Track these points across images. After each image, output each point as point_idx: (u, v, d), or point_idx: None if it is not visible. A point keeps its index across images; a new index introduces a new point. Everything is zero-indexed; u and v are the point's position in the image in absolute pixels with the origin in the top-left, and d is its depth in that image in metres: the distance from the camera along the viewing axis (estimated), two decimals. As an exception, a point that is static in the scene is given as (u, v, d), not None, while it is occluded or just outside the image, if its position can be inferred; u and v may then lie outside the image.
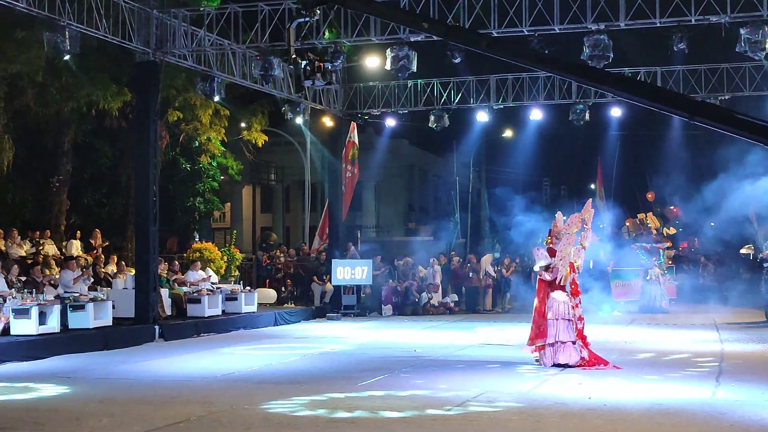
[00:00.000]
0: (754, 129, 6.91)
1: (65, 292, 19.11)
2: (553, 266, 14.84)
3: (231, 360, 16.13)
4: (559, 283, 14.77)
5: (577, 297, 14.95)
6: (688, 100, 7.47)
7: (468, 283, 29.20)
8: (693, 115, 7.23)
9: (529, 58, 9.53)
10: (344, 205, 29.20)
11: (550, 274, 14.85)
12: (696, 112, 7.21)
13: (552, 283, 14.83)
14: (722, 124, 7.13)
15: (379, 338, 20.25)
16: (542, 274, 14.99)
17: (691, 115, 7.24)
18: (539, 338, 14.85)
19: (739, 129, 7.08)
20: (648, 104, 7.80)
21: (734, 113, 7.17)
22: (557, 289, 14.80)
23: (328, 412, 10.82)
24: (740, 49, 18.83)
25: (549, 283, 14.86)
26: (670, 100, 7.54)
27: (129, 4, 19.67)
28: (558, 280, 14.76)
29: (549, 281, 14.85)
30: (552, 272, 14.84)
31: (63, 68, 24.14)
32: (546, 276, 14.89)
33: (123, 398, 11.96)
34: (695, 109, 7.26)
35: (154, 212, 20.23)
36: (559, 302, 14.72)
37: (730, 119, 7.12)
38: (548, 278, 14.86)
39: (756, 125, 6.87)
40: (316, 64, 9.56)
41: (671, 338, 19.93)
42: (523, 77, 26.15)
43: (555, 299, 14.74)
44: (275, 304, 27.03)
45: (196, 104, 28.29)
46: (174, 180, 32.61)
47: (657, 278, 28.21)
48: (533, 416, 10.49)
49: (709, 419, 10.37)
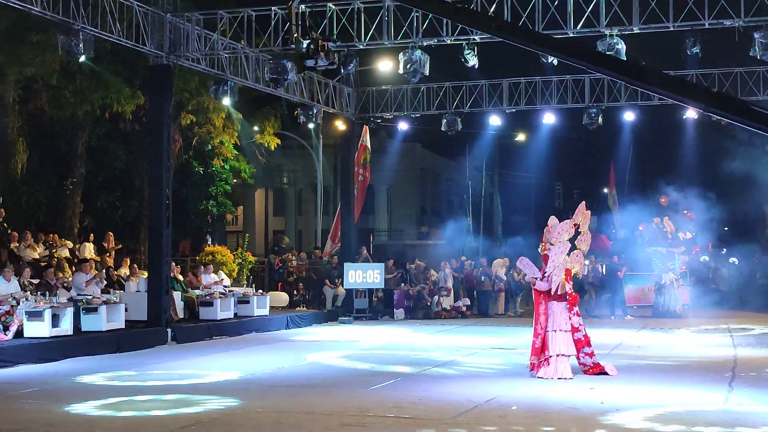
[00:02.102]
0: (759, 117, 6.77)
1: (78, 294, 19.17)
2: (548, 276, 14.33)
3: (243, 363, 16.15)
4: (556, 293, 14.28)
5: (576, 305, 14.48)
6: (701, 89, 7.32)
7: (480, 287, 29.16)
8: (708, 106, 7.11)
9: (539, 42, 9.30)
10: (356, 209, 29.20)
11: (545, 284, 14.41)
12: (711, 102, 7.09)
13: (549, 293, 14.35)
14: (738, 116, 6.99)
15: (391, 342, 20.24)
16: (536, 284, 14.53)
17: (706, 107, 7.13)
18: (545, 350, 14.20)
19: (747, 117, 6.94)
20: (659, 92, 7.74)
21: (751, 105, 6.98)
22: (555, 299, 14.32)
23: (339, 415, 10.82)
24: (754, 53, 18.76)
25: (546, 293, 14.40)
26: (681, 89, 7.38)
27: (143, 8, 19.74)
28: (554, 290, 14.26)
29: (545, 291, 14.39)
30: (547, 282, 14.35)
31: (77, 71, 24.24)
32: (541, 286, 14.47)
33: (136, 401, 11.98)
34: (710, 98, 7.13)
35: (167, 215, 20.28)
36: (557, 313, 14.28)
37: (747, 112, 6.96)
38: (543, 288, 14.43)
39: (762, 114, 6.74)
40: (320, 43, 9.35)
41: (684, 343, 19.85)
42: (536, 81, 26.14)
43: (553, 310, 14.31)
44: (287, 307, 27.05)
45: (209, 108, 28.37)
46: (187, 183, 32.67)
47: (671, 283, 28.09)
48: (545, 421, 10.46)
49: (722, 424, 10.31)
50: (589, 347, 14.34)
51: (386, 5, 19.78)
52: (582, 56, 8.00)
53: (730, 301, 31.52)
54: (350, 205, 28.77)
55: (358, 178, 29.20)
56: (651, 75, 7.46)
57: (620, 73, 7.87)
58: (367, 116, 28.40)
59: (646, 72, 7.49)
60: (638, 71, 7.50)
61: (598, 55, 8.11)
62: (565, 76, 25.84)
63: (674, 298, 27.93)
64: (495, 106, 26.83)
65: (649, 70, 7.53)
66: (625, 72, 7.69)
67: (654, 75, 7.47)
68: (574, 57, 8.12)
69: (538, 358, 14.27)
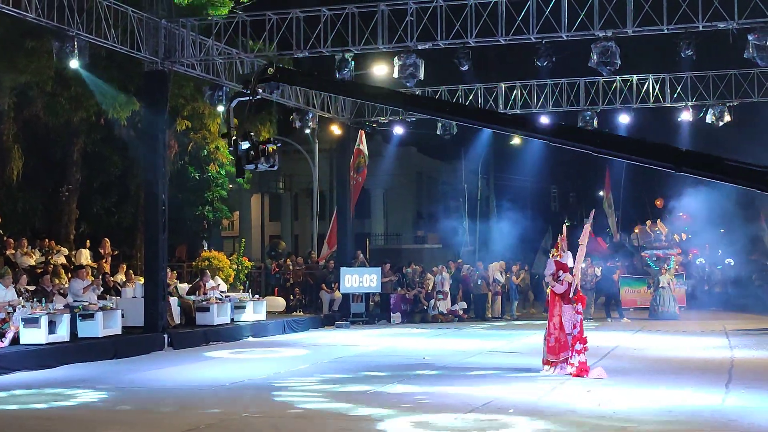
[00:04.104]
0: (747, 175, 6.35)
1: (75, 301, 19.14)
2: (562, 279, 14.89)
3: (240, 368, 16.14)
4: (570, 296, 14.82)
5: (579, 304, 14.99)
6: (671, 149, 6.73)
7: (476, 290, 29.16)
8: (678, 166, 6.63)
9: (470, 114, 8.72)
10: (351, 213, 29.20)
11: (561, 286, 14.87)
12: (681, 162, 6.59)
13: (565, 296, 14.85)
14: (710, 172, 6.52)
15: (388, 346, 20.24)
16: (554, 286, 15.02)
17: (676, 166, 6.65)
18: (562, 352, 14.74)
19: (731, 177, 6.50)
20: (626, 158, 7.18)
21: (724, 160, 6.53)
22: (568, 301, 14.84)
23: (336, 420, 10.82)
24: (748, 55, 18.79)
25: (561, 296, 14.88)
26: (651, 152, 6.86)
27: (138, 14, 19.75)
28: (570, 292, 14.80)
29: (562, 293, 14.88)
30: (563, 284, 14.89)
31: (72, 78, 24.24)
32: (559, 288, 14.91)
33: (133, 407, 11.98)
34: (680, 159, 6.62)
35: (163, 221, 20.27)
36: (568, 316, 14.80)
37: (720, 167, 6.50)
38: (561, 291, 14.88)
39: (749, 171, 6.31)
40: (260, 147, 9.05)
41: (681, 345, 19.88)
42: (531, 84, 26.17)
43: (566, 312, 14.81)
44: (284, 312, 27.03)
45: (204, 113, 28.35)
46: (183, 189, 32.65)
47: (667, 285, 28.13)
48: (543, 424, 10.47)
49: (719, 426, 10.35)
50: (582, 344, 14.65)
51: (380, 9, 19.80)
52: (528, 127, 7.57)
53: (726, 303, 31.58)
54: (346, 210, 28.78)
55: (351, 183, 29.22)
56: (612, 140, 7.17)
57: (589, 143, 7.44)
58: (363, 120, 28.41)
59: (606, 137, 7.15)
60: (613, 140, 7.17)
61: (553, 127, 7.69)
62: (561, 79, 25.88)
63: (671, 300, 27.97)
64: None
65: (619, 139, 7.20)
66: (588, 141, 7.31)
67: (616, 140, 7.18)
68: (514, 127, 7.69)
69: (556, 357, 14.75)
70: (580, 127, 16.71)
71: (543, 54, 19.86)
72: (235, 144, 8.86)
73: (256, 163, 8.93)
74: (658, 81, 25.40)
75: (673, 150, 6.58)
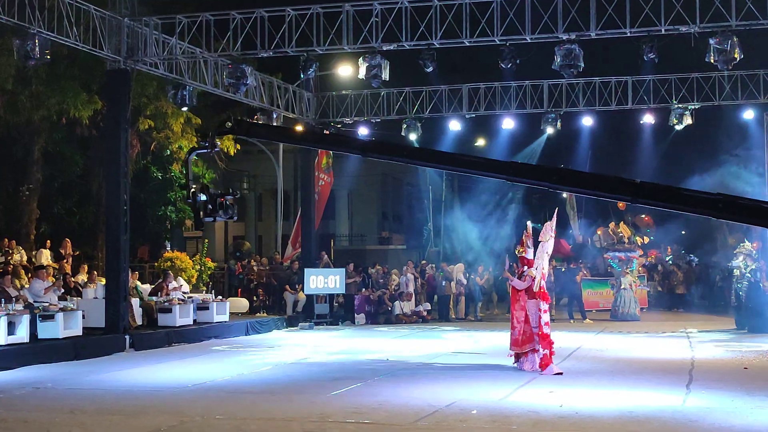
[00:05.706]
0: (700, 203, 6.41)
1: (35, 301, 18.91)
2: (526, 275, 15.15)
3: (202, 370, 16.03)
4: (533, 291, 15.07)
5: (546, 302, 15.38)
6: (627, 183, 6.73)
7: (440, 291, 29.21)
8: (635, 198, 6.68)
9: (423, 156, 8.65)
10: (317, 214, 29.14)
11: (522, 282, 15.06)
12: (638, 194, 6.66)
13: (529, 290, 15.11)
14: (667, 202, 6.57)
15: (352, 347, 20.21)
16: (513, 281, 15.43)
17: (634, 198, 6.71)
18: (527, 344, 15.07)
19: (685, 205, 6.56)
20: (584, 193, 7.21)
21: (680, 190, 6.58)
22: (533, 296, 15.09)
23: (300, 422, 10.78)
24: (710, 59, 19.01)
25: (525, 290, 15.15)
26: (608, 186, 6.89)
27: (100, 12, 19.55)
28: (536, 287, 15.05)
29: (525, 289, 15.16)
30: (525, 280, 15.13)
31: (33, 76, 23.96)
32: (519, 284, 15.09)
33: (93, 409, 11.85)
34: (636, 190, 6.67)
35: (125, 221, 20.09)
36: (533, 311, 15.08)
37: (676, 196, 6.55)
38: (522, 287, 15.06)
39: (703, 199, 6.36)
40: (218, 200, 9.03)
41: (642, 346, 20.03)
42: (495, 86, 26.29)
43: (530, 307, 15.09)
44: (247, 313, 26.90)
45: (167, 112, 28.16)
46: (145, 189, 32.43)
47: (629, 287, 28.33)
48: (505, 425, 10.50)
49: (679, 426, 10.43)
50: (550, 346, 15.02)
51: (345, 10, 19.79)
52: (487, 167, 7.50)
53: (688, 304, 31.89)
54: (310, 210, 28.69)
55: (319, 183, 29.15)
56: (569, 176, 7.12)
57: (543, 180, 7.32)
58: (328, 121, 28.36)
59: (563, 173, 7.11)
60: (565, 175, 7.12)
61: (504, 164, 7.53)
62: (524, 81, 26.03)
63: (632, 302, 28.17)
64: (455, 112, 26.96)
65: (565, 170, 7.17)
66: (542, 178, 7.23)
67: (573, 176, 7.14)
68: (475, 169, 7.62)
69: (521, 349, 15.15)
70: (536, 165, 16.92)
71: (507, 56, 19.98)
72: (194, 196, 8.77)
73: (215, 216, 8.90)
74: (621, 84, 25.60)
75: (630, 183, 6.64)
